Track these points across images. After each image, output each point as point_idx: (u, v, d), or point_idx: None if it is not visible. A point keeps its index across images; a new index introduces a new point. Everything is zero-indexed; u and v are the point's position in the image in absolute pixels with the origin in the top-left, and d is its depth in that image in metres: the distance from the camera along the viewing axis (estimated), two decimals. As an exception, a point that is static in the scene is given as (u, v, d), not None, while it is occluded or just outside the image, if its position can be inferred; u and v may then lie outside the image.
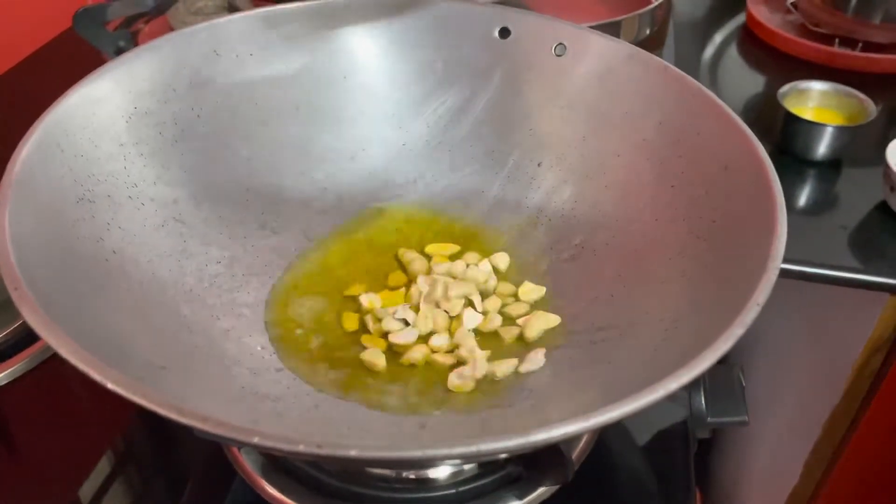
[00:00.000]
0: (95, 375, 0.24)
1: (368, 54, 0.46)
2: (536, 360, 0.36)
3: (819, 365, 0.67)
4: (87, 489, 0.39)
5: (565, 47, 0.44)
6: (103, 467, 0.40)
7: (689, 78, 0.39)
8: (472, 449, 0.23)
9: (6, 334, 0.46)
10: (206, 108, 0.41)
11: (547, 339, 0.38)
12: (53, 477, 0.40)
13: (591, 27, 0.47)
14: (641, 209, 0.39)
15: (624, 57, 0.42)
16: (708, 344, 0.26)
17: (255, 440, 0.23)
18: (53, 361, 0.45)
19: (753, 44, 0.78)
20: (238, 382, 0.34)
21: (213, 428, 0.23)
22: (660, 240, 0.37)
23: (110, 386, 0.24)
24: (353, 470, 0.38)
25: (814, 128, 0.57)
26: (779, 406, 0.73)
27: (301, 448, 0.23)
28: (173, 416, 0.23)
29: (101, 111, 0.37)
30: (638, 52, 0.42)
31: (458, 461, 0.34)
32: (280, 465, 0.38)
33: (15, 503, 0.39)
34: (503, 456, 0.31)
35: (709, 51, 0.78)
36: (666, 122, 0.40)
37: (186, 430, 0.24)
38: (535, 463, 0.35)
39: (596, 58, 0.43)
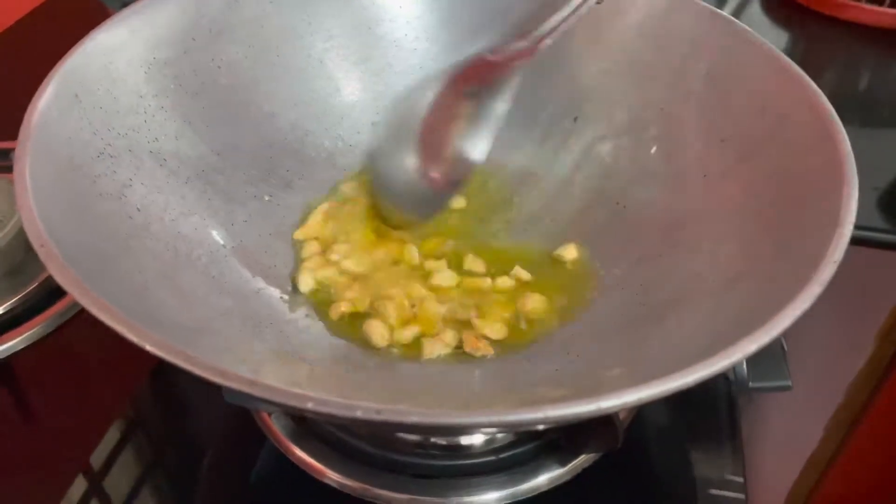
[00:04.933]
0: (134, 338, 0.23)
1: (393, 2, 0.43)
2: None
3: (843, 328, 0.66)
4: (99, 455, 0.38)
5: (604, -6, 0.41)
6: (115, 434, 0.39)
7: (739, 23, 0.37)
8: (539, 415, 0.22)
9: (17, 300, 0.44)
10: (226, 59, 0.39)
11: (588, 301, 0.36)
12: (66, 443, 0.38)
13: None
14: (687, 165, 0.37)
15: (667, 2, 0.40)
16: (782, 304, 0.25)
17: (309, 405, 0.22)
18: (67, 328, 0.43)
19: (777, -1, 0.75)
20: (271, 345, 0.32)
21: (262, 392, 0.22)
22: (709, 197, 0.35)
23: (149, 348, 0.23)
24: (383, 435, 0.36)
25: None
26: (799, 370, 0.72)
27: (359, 414, 0.22)
28: (218, 380, 0.22)
29: (119, 60, 0.34)
30: (681, -2, 0.39)
31: (523, 428, 0.32)
32: (311, 430, 0.37)
33: (29, 468, 0.38)
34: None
35: (730, 4, 0.75)
36: (714, 71, 0.37)
37: (213, 396, 0.22)
38: (581, 430, 0.34)
39: (637, 4, 0.41)
